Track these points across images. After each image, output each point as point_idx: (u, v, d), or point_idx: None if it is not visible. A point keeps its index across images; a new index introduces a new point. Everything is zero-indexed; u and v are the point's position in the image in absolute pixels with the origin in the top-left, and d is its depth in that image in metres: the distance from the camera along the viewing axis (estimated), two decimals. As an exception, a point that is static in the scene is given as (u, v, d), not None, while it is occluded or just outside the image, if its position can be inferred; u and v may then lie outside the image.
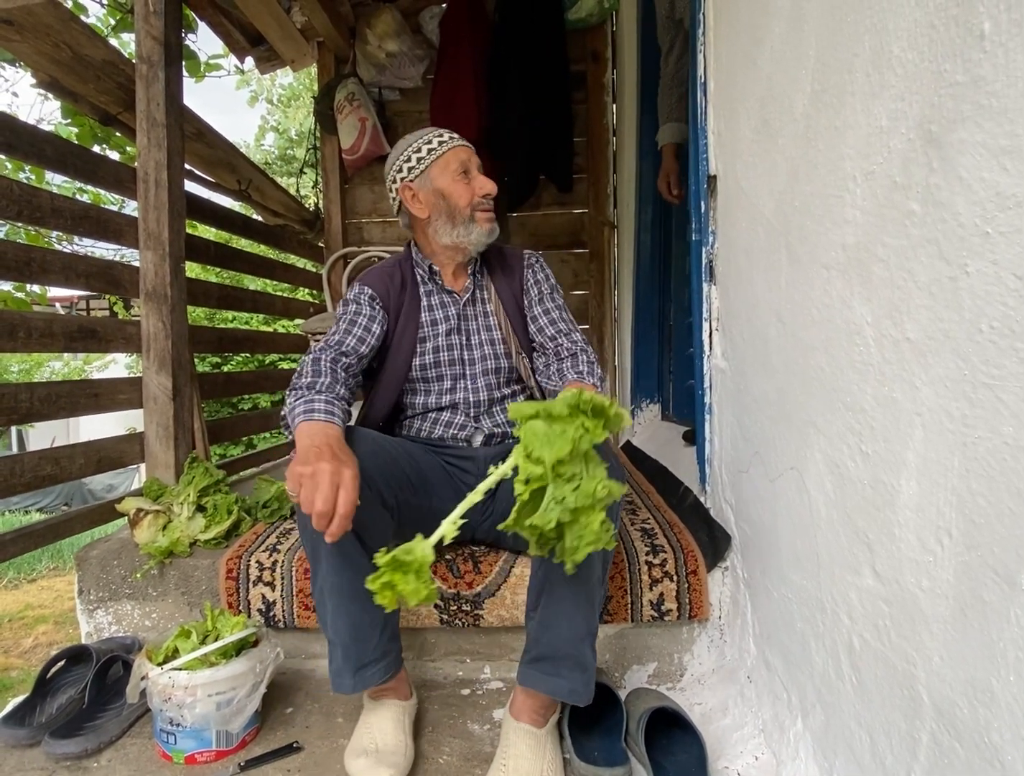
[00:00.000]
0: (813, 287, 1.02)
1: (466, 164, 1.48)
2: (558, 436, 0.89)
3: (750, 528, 1.37)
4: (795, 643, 1.14)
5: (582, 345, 1.51)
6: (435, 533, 0.91)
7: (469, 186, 1.48)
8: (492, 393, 1.54)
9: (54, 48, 1.78)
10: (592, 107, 3.45)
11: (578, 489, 0.89)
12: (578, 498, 0.89)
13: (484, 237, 1.50)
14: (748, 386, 1.34)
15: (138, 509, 1.68)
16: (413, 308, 1.54)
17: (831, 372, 0.97)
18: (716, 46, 1.50)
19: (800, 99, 1.05)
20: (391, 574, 0.89)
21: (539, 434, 0.90)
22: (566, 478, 0.90)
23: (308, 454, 1.08)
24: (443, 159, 1.48)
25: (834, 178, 0.94)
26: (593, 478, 0.91)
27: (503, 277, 1.59)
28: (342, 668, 1.22)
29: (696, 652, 1.52)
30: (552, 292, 1.59)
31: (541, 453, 0.88)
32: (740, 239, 1.37)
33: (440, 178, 1.48)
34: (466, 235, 1.49)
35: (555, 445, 0.88)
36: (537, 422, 0.91)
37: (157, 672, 1.24)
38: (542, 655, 1.18)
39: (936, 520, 0.73)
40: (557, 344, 1.51)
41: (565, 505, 0.89)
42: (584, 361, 1.46)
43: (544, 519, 0.89)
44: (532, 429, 0.91)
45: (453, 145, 1.49)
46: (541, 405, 0.93)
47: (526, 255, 1.64)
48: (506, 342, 1.55)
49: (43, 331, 1.61)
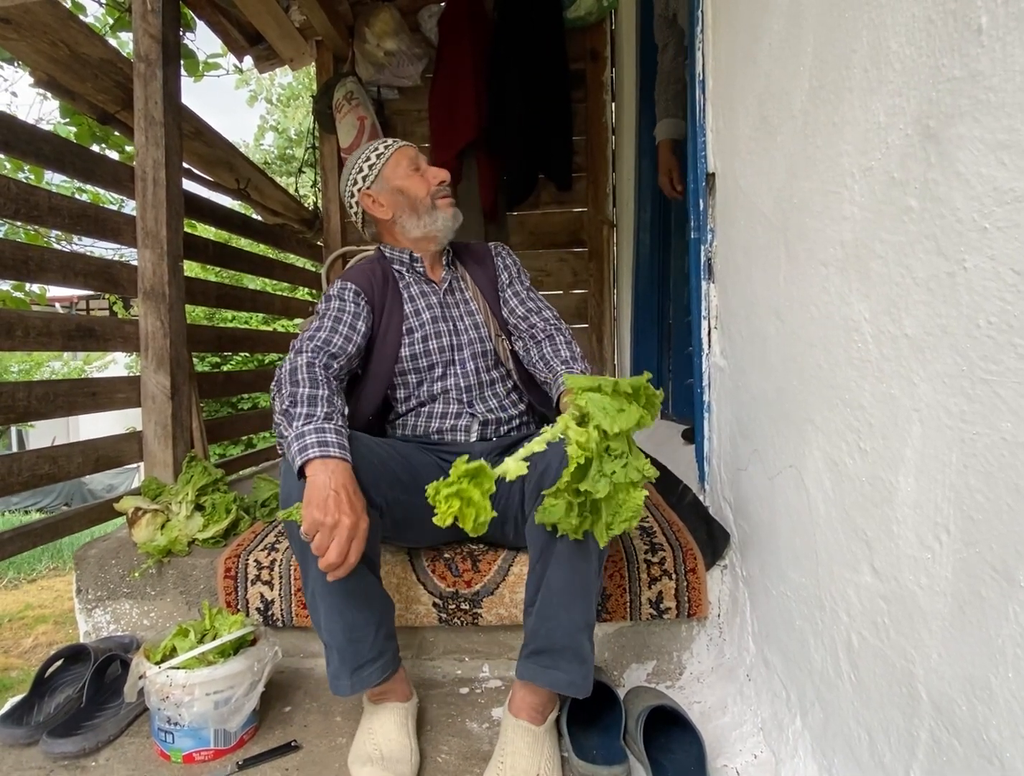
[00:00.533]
0: (811, 284, 1.01)
1: (415, 160, 1.56)
2: (618, 412, 0.93)
3: (749, 526, 1.37)
4: (794, 641, 1.14)
5: (555, 323, 1.55)
6: (498, 468, 0.92)
7: (423, 178, 1.54)
8: (481, 376, 1.56)
9: (52, 47, 1.78)
10: (591, 106, 3.45)
11: (627, 466, 0.94)
12: (628, 473, 0.94)
13: (450, 221, 1.55)
14: (747, 384, 1.34)
15: (136, 508, 1.68)
16: (396, 302, 1.56)
17: (829, 369, 0.96)
18: (715, 44, 1.50)
19: (798, 96, 1.05)
20: (466, 483, 0.89)
21: (599, 405, 0.94)
22: (615, 454, 0.94)
23: (327, 501, 1.07)
24: (392, 160, 1.55)
25: (832, 174, 0.94)
26: (637, 458, 0.96)
27: (476, 266, 1.65)
28: (339, 670, 1.22)
29: (695, 650, 1.52)
30: (519, 274, 1.66)
31: (604, 422, 0.92)
32: (739, 237, 1.37)
33: (394, 177, 1.54)
34: (432, 223, 1.54)
35: (617, 419, 0.92)
36: (596, 395, 0.95)
37: (155, 671, 1.24)
38: (540, 648, 1.18)
39: (934, 517, 0.73)
40: (530, 324, 1.55)
41: (614, 478, 0.94)
42: (562, 343, 1.50)
43: (594, 487, 0.94)
44: (591, 400, 0.95)
45: (397, 147, 1.57)
46: (603, 380, 0.97)
47: (492, 245, 1.71)
48: (488, 325, 1.59)
49: (41, 330, 1.61)
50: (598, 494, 0.94)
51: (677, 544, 1.53)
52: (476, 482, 0.89)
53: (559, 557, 1.15)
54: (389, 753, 1.19)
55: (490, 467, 0.92)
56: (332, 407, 1.24)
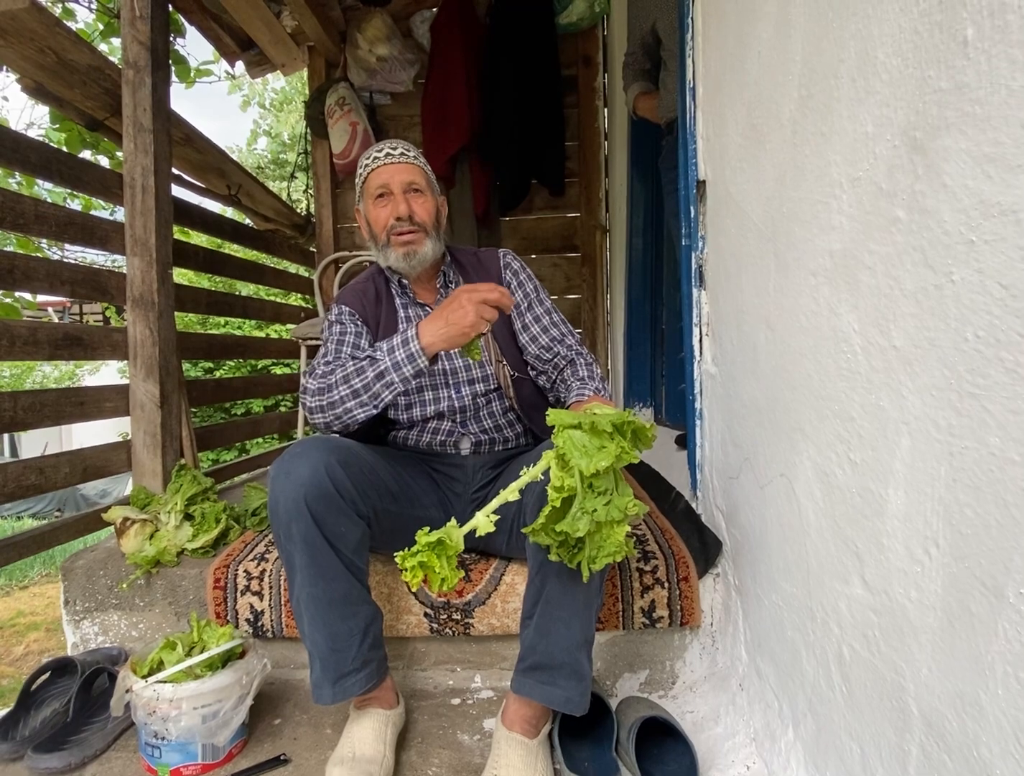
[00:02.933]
0: (801, 293, 1.01)
1: (386, 185, 1.44)
2: (597, 450, 0.90)
3: (741, 535, 1.36)
4: (786, 651, 1.13)
5: (577, 348, 1.50)
6: (468, 524, 0.94)
7: (386, 209, 1.44)
8: (477, 400, 1.51)
9: (39, 53, 1.76)
10: (583, 111, 3.45)
11: (610, 504, 0.92)
12: (609, 512, 0.92)
13: (401, 262, 1.45)
14: (738, 392, 1.33)
15: (124, 518, 1.67)
16: (390, 320, 1.52)
17: (819, 379, 0.96)
18: (705, 51, 1.49)
19: (787, 104, 1.04)
20: (429, 555, 0.91)
21: (578, 445, 0.92)
22: (598, 491, 0.92)
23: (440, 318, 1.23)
24: (367, 183, 1.47)
25: (821, 184, 0.94)
26: (623, 495, 0.94)
27: (479, 281, 1.54)
28: (321, 679, 1.21)
29: (688, 659, 1.51)
30: (538, 294, 1.57)
31: (579, 464, 0.90)
32: (729, 244, 1.36)
33: (365, 203, 1.49)
34: (386, 260, 1.48)
35: (594, 458, 0.90)
36: (576, 432, 0.93)
37: (141, 685, 1.22)
38: (538, 663, 1.17)
39: (923, 530, 0.72)
40: (554, 354, 1.49)
41: (595, 517, 0.92)
42: (582, 365, 1.46)
43: (573, 526, 0.92)
44: (571, 438, 0.92)
45: (375, 166, 1.45)
46: (583, 416, 0.94)
47: (501, 254, 1.61)
48: (487, 349, 1.52)
49: (27, 339, 1.59)
50: (578, 533, 0.92)
51: (670, 552, 1.52)
52: (439, 550, 0.92)
53: (560, 572, 1.14)
54: (361, 755, 1.18)
55: (457, 526, 0.95)
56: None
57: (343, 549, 1.20)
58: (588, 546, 0.96)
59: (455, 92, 3.18)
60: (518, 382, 1.53)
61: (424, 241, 1.45)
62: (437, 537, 0.92)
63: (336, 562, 1.19)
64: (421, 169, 1.49)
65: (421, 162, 1.50)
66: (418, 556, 0.92)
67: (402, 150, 1.46)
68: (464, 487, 1.49)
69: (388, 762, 1.21)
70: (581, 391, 1.37)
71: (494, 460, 1.51)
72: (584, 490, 0.93)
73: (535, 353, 1.51)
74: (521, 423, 1.56)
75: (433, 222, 1.48)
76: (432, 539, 0.92)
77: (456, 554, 0.94)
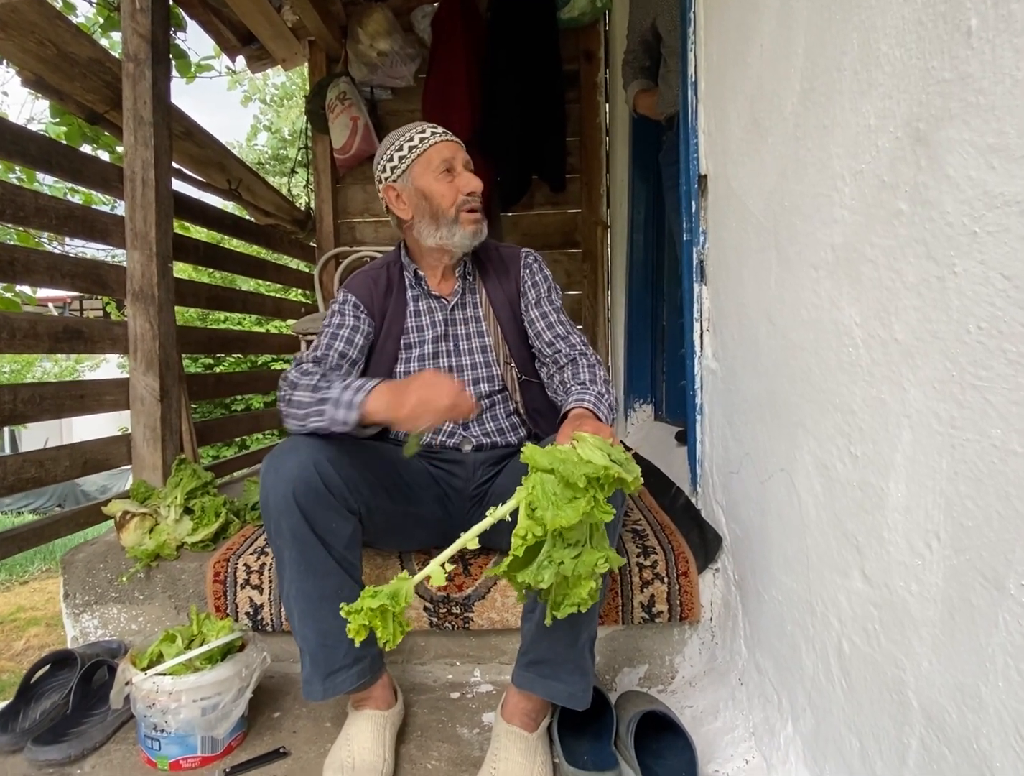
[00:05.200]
0: (802, 287, 1.01)
1: (450, 161, 1.40)
2: (567, 503, 0.86)
3: (741, 530, 1.36)
4: (785, 646, 1.13)
5: (581, 348, 1.43)
6: (420, 573, 0.90)
7: (453, 184, 1.40)
8: (482, 401, 1.48)
9: (39, 46, 1.76)
10: (585, 107, 3.45)
11: (579, 558, 0.89)
12: (577, 566, 0.88)
13: (468, 239, 1.43)
14: (739, 387, 1.33)
15: (124, 512, 1.67)
16: (398, 313, 1.49)
17: (820, 373, 0.96)
18: (707, 44, 1.49)
19: (790, 97, 1.04)
20: (371, 618, 0.87)
21: (548, 493, 0.87)
22: (568, 542, 0.89)
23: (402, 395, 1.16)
24: (425, 157, 1.40)
25: (823, 177, 0.93)
26: (596, 550, 0.90)
27: (497, 279, 1.52)
28: (311, 675, 1.21)
29: (687, 654, 1.51)
30: (550, 294, 1.52)
31: (544, 516, 0.86)
32: (730, 239, 1.36)
33: (422, 177, 1.40)
34: (449, 238, 1.42)
35: (561, 511, 0.86)
36: (550, 478, 0.89)
37: (141, 678, 1.22)
38: (541, 658, 1.17)
39: (924, 523, 0.72)
40: (555, 350, 1.44)
41: (561, 570, 0.88)
42: (584, 366, 1.39)
43: (536, 577, 0.88)
44: (542, 484, 0.88)
45: (436, 141, 1.41)
46: (560, 460, 0.89)
47: (523, 254, 1.56)
48: (496, 349, 1.49)
49: (27, 332, 1.59)
50: (541, 584, 0.88)
51: (669, 547, 1.52)
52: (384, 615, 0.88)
53: None
54: (360, 763, 1.17)
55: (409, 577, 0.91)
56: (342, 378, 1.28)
57: (334, 544, 1.20)
58: (553, 592, 0.93)
59: (456, 87, 3.16)
60: (525, 385, 1.50)
61: (483, 219, 1.46)
62: (379, 604, 0.87)
63: (326, 558, 1.19)
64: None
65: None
66: (363, 619, 0.87)
67: (443, 130, 1.46)
68: (464, 483, 1.49)
69: (388, 765, 1.20)
70: (580, 397, 1.28)
71: (496, 456, 1.50)
72: (553, 538, 0.88)
73: (538, 347, 1.48)
74: (526, 426, 1.53)
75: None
76: (374, 605, 0.87)
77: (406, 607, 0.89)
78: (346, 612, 0.90)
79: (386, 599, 0.89)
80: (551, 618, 0.97)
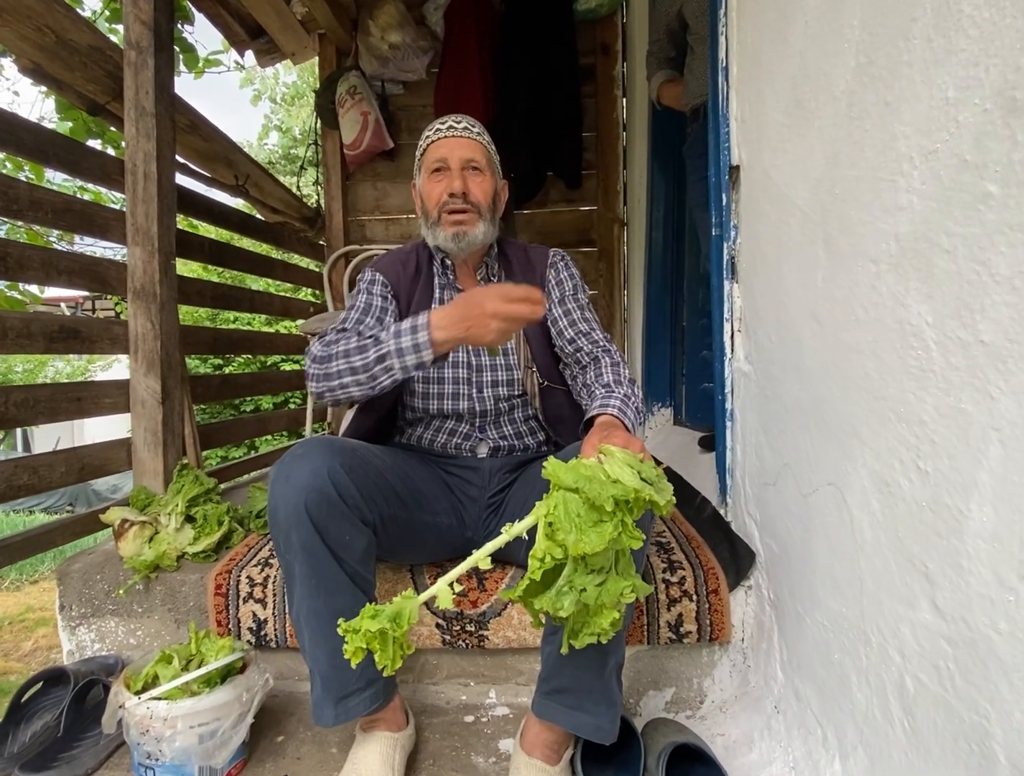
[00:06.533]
0: (858, 283, 0.91)
1: (444, 160, 1.35)
2: (592, 526, 0.78)
3: (778, 545, 1.27)
4: (832, 676, 1.04)
5: (604, 345, 1.36)
6: (425, 593, 0.82)
7: (441, 184, 1.35)
8: (500, 404, 1.41)
9: (37, 32, 1.68)
10: (601, 101, 3.35)
11: (603, 586, 0.80)
12: (601, 595, 0.80)
13: (450, 242, 1.36)
14: (777, 392, 1.23)
15: (123, 520, 1.59)
16: (424, 298, 1.43)
17: (880, 378, 0.86)
18: (740, 27, 1.40)
19: (841, 75, 0.95)
20: (370, 640, 0.79)
21: (571, 514, 0.79)
22: (592, 568, 0.81)
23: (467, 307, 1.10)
24: (426, 155, 1.39)
25: (885, 160, 0.84)
26: (622, 578, 0.82)
27: (522, 279, 1.45)
28: (322, 699, 1.13)
29: (717, 677, 1.42)
30: (575, 292, 1.45)
31: (566, 539, 0.77)
32: (768, 233, 1.27)
33: (421, 177, 1.40)
34: (435, 238, 1.39)
35: (585, 536, 0.77)
36: (573, 497, 0.80)
37: (134, 702, 1.14)
38: (564, 686, 1.08)
39: (1018, 554, 0.63)
40: (576, 348, 1.37)
41: (583, 598, 0.80)
42: (608, 365, 1.32)
43: (555, 605, 0.80)
44: (565, 504, 0.80)
45: (436, 138, 1.37)
46: (585, 478, 0.81)
47: (551, 254, 1.51)
48: (517, 352, 1.43)
49: (20, 331, 1.51)
50: (560, 612, 0.80)
51: (697, 562, 1.42)
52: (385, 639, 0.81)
53: None
54: None
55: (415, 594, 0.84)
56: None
57: (347, 559, 1.11)
58: (572, 620, 0.85)
59: (469, 81, 3.09)
60: (546, 391, 1.42)
61: (476, 223, 1.36)
62: (379, 626, 0.79)
63: (339, 573, 1.10)
64: (484, 147, 1.40)
65: (485, 140, 1.41)
66: (361, 642, 0.80)
67: (466, 124, 1.38)
68: (479, 491, 1.40)
69: None
70: (605, 402, 1.20)
71: (512, 463, 1.42)
72: (575, 562, 0.80)
73: (560, 346, 1.41)
74: (544, 432, 1.46)
75: (489, 204, 1.39)
76: (373, 627, 0.79)
77: (408, 629, 0.82)
78: (343, 630, 0.82)
79: (387, 621, 0.81)
80: (567, 647, 0.89)
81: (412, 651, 0.86)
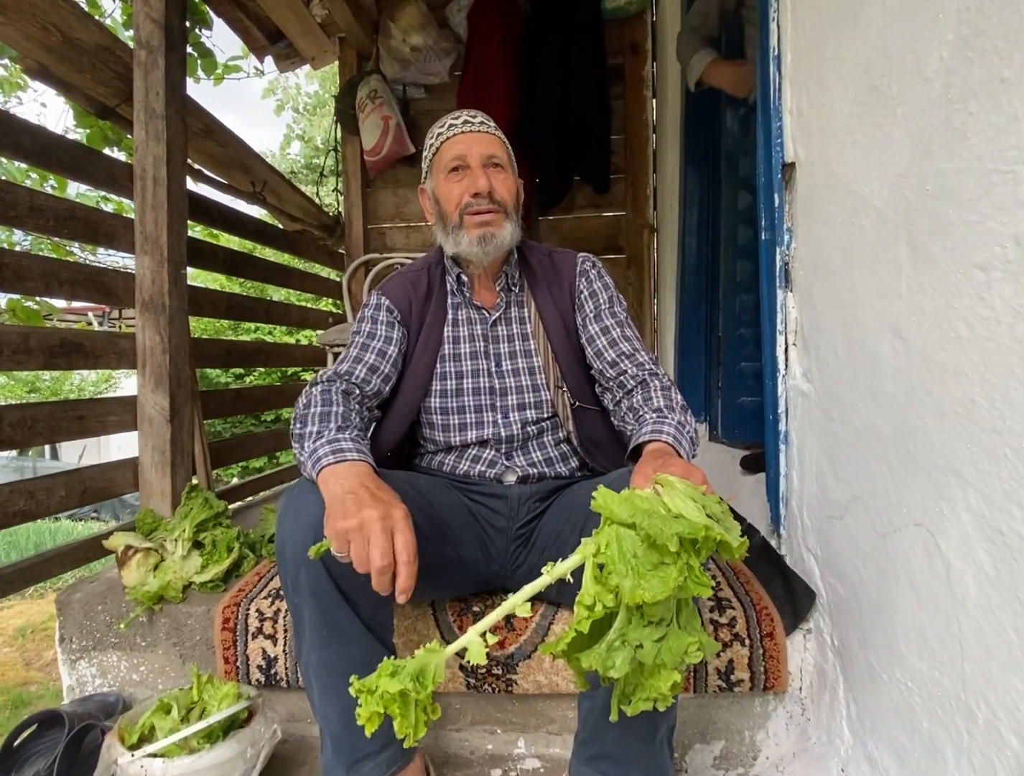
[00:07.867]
0: (958, 294, 0.78)
1: (462, 157, 1.23)
2: (652, 569, 0.66)
3: (844, 588, 1.12)
4: (918, 746, 0.90)
5: (651, 367, 1.22)
6: (453, 645, 0.71)
7: (460, 184, 1.23)
8: (528, 429, 1.28)
9: (42, 31, 1.60)
10: (631, 102, 3.24)
11: (663, 642, 0.67)
12: (660, 653, 0.67)
13: (474, 247, 1.23)
14: (845, 415, 1.09)
15: (127, 546, 1.49)
16: (437, 321, 1.31)
17: (990, 408, 0.72)
18: (794, 11, 1.27)
19: (935, 52, 0.81)
20: (388, 703, 0.66)
21: (626, 554, 0.67)
22: (651, 619, 0.68)
23: (345, 504, 0.88)
24: (439, 154, 1.26)
25: (997, 148, 0.70)
26: (685, 633, 0.69)
27: (548, 290, 1.33)
28: (332, 763, 1.01)
29: (772, 730, 1.27)
30: (612, 305, 1.31)
31: (622, 584, 0.65)
32: (832, 236, 1.13)
33: (435, 177, 1.28)
34: (457, 245, 1.25)
35: (645, 581, 0.65)
36: (629, 534, 0.68)
37: (128, 758, 1.03)
38: (607, 752, 0.95)
39: None
40: (620, 371, 1.23)
41: (639, 655, 0.67)
42: (658, 388, 1.17)
43: (606, 663, 0.67)
44: (619, 542, 0.68)
45: (451, 135, 1.25)
46: (644, 512, 0.69)
47: (580, 260, 1.37)
48: (546, 371, 1.30)
49: (17, 346, 1.41)
50: (608, 672, 0.68)
51: (749, 602, 1.29)
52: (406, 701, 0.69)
53: None
54: None
55: (440, 647, 0.72)
56: (347, 421, 1.06)
57: (362, 604, 0.99)
58: (624, 681, 0.72)
59: (493, 83, 2.99)
60: (579, 412, 1.29)
61: (504, 223, 1.24)
62: (399, 688, 0.68)
63: (353, 620, 0.98)
64: (503, 143, 1.28)
65: (502, 135, 1.29)
66: (375, 698, 0.68)
67: (482, 119, 1.27)
68: (507, 521, 1.27)
69: None
70: (658, 428, 1.05)
71: (543, 491, 1.29)
72: (629, 611, 0.68)
73: (599, 368, 1.27)
74: (578, 456, 1.32)
75: (514, 203, 1.27)
76: (392, 688, 0.68)
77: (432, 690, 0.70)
78: (356, 690, 0.71)
79: (409, 681, 0.69)
80: (617, 714, 0.75)
81: (438, 716, 0.73)
